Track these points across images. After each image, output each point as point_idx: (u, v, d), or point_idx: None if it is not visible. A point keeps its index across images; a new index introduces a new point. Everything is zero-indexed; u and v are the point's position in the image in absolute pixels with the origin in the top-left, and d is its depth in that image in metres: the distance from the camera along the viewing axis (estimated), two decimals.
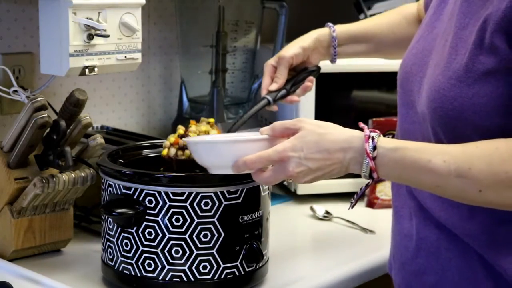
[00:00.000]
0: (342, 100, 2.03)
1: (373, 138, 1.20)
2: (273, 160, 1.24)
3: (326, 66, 1.98)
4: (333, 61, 1.64)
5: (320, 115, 1.97)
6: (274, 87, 1.57)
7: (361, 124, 1.26)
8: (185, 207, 1.34)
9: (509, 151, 1.14)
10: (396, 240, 1.39)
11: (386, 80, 2.05)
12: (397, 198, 1.39)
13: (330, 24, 1.61)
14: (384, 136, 1.31)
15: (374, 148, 1.20)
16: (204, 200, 1.35)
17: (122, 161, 1.49)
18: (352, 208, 1.33)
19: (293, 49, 1.58)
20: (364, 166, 1.21)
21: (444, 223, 1.28)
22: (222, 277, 1.38)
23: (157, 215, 1.35)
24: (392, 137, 1.31)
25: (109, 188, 1.40)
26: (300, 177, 1.24)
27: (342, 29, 1.62)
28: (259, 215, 1.41)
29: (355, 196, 1.33)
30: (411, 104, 1.32)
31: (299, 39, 1.61)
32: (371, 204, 1.97)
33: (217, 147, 1.28)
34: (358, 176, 1.99)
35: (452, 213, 1.26)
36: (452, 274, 1.29)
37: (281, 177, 1.25)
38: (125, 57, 1.57)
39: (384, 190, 1.96)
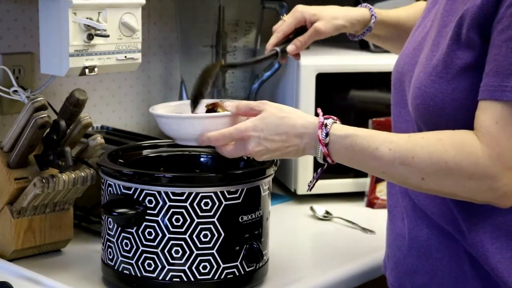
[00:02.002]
0: (342, 100, 2.03)
1: (326, 125, 1.27)
2: (234, 138, 1.32)
3: (326, 66, 1.98)
4: (353, 37, 1.62)
5: None
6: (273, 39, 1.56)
7: (318, 110, 1.32)
8: (185, 207, 1.35)
9: (451, 142, 1.18)
10: (390, 239, 1.40)
11: (386, 80, 2.04)
12: (390, 198, 1.41)
13: (371, 8, 1.55)
14: None
15: (327, 135, 1.26)
16: (204, 200, 1.35)
17: (122, 161, 1.49)
18: (310, 190, 1.38)
19: (331, 26, 1.55)
20: (318, 152, 1.28)
21: (437, 220, 1.29)
22: (222, 277, 1.38)
23: (157, 215, 1.35)
24: None
25: (109, 188, 1.40)
26: (258, 155, 1.32)
27: (379, 17, 1.57)
28: (259, 215, 1.41)
29: (313, 178, 1.38)
30: (403, 103, 1.34)
31: (337, 11, 1.54)
32: (371, 204, 1.97)
33: (184, 122, 1.36)
34: (358, 176, 2.00)
35: (445, 208, 1.27)
36: (442, 274, 1.30)
37: (241, 153, 1.33)
38: (125, 57, 1.57)
39: (384, 190, 1.96)
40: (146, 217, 1.36)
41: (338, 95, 2.03)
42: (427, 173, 1.19)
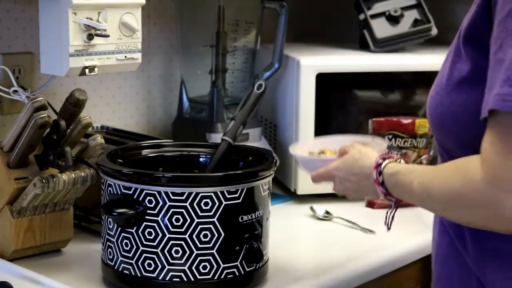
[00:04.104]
0: (342, 100, 2.03)
1: (380, 165, 1.31)
2: (325, 177, 1.45)
3: (326, 66, 1.98)
4: None
5: (320, 115, 1.97)
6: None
7: (380, 153, 1.35)
8: (185, 207, 1.34)
9: (457, 170, 1.16)
10: (431, 246, 1.42)
11: (386, 80, 2.05)
12: None
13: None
14: (385, 136, 1.39)
15: (380, 173, 1.31)
16: (204, 200, 1.35)
17: (121, 161, 1.48)
18: (389, 228, 1.42)
19: None
20: (378, 191, 1.32)
21: (449, 230, 1.30)
22: (222, 277, 1.38)
23: (157, 215, 1.35)
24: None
25: (109, 188, 1.40)
26: (345, 193, 1.43)
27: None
28: (259, 215, 1.41)
29: (387, 215, 1.41)
30: None
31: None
32: (371, 204, 1.96)
33: (300, 160, 1.55)
34: None
35: (452, 222, 1.28)
36: (455, 283, 1.29)
37: (334, 189, 1.45)
38: (125, 57, 1.57)
39: None
40: (146, 217, 1.36)
41: (338, 95, 2.03)
42: (443, 203, 1.18)
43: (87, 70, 1.52)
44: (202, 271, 1.36)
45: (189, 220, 1.35)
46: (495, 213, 1.10)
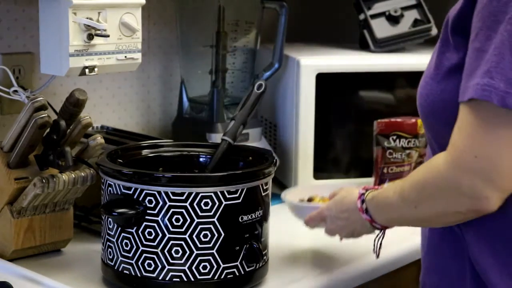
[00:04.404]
0: (342, 100, 2.03)
1: (363, 194, 1.39)
2: (317, 219, 1.50)
3: (326, 66, 1.98)
4: None
5: (320, 115, 1.97)
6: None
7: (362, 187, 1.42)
8: (185, 207, 1.34)
9: (426, 162, 1.25)
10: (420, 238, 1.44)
11: (386, 80, 2.05)
12: None
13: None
14: (389, 137, 1.72)
15: (362, 202, 1.39)
16: (204, 200, 1.35)
17: (121, 161, 1.48)
18: (377, 256, 1.51)
19: None
20: (364, 220, 1.39)
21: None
22: (222, 277, 1.38)
23: (157, 215, 1.35)
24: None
25: (109, 188, 1.40)
26: (337, 233, 1.48)
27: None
28: (259, 215, 1.41)
29: (374, 245, 1.48)
30: None
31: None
32: None
33: (293, 208, 1.62)
34: (358, 176, 2.00)
35: None
36: (451, 274, 1.30)
37: (326, 231, 1.50)
38: (125, 57, 1.57)
39: None
40: (146, 217, 1.36)
41: (338, 95, 2.03)
42: (414, 200, 1.25)
43: (87, 70, 1.52)
44: (202, 271, 1.36)
45: (189, 220, 1.35)
46: (456, 194, 1.16)
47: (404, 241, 1.71)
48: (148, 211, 1.35)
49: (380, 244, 1.46)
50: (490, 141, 1.13)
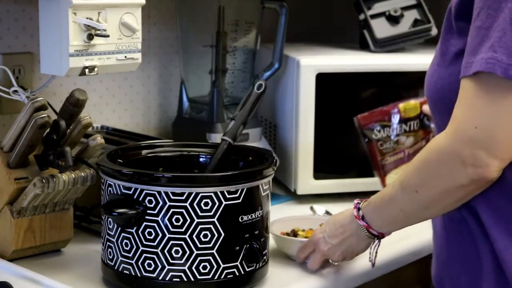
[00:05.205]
0: (342, 100, 2.03)
1: (358, 203, 1.42)
2: (309, 246, 1.50)
3: (326, 66, 1.98)
4: None
5: (320, 115, 1.97)
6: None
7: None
8: (185, 207, 1.34)
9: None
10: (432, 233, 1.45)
11: (386, 80, 2.05)
12: None
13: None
14: (373, 129, 1.77)
15: (358, 209, 1.41)
16: (204, 200, 1.35)
17: (121, 161, 1.49)
18: (373, 265, 1.50)
19: None
20: (363, 228, 1.41)
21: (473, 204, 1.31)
22: (222, 277, 1.38)
23: (157, 215, 1.35)
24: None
25: (109, 188, 1.40)
26: (331, 255, 1.48)
27: None
28: (259, 215, 1.41)
29: (370, 253, 1.48)
30: None
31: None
32: None
33: (282, 241, 1.59)
34: (358, 176, 2.00)
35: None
36: (470, 259, 1.32)
37: (318, 257, 1.49)
38: (125, 57, 1.57)
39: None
40: (146, 217, 1.36)
41: (338, 95, 2.03)
42: (415, 183, 1.28)
43: (87, 70, 1.52)
44: (202, 271, 1.36)
45: (189, 220, 1.35)
46: (458, 164, 1.20)
47: (404, 241, 1.71)
48: (148, 211, 1.35)
49: (376, 252, 1.47)
50: (490, 112, 1.18)
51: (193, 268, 1.36)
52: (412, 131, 1.89)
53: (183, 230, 1.35)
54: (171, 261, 1.36)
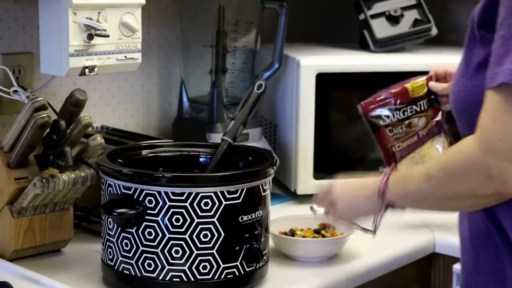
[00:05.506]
0: (342, 100, 2.03)
1: (387, 173, 1.38)
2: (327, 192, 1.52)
3: (326, 66, 1.98)
4: None
5: (320, 115, 1.97)
6: None
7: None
8: (185, 207, 1.34)
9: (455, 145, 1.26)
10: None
11: (386, 80, 2.04)
12: None
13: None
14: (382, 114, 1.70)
15: (388, 178, 1.37)
16: (204, 200, 1.35)
17: (121, 161, 1.49)
18: (375, 233, 1.48)
19: None
20: (375, 192, 1.38)
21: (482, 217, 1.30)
22: (222, 277, 1.38)
23: (157, 215, 1.35)
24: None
25: (109, 188, 1.40)
26: (337, 202, 1.48)
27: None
28: (259, 215, 1.41)
29: (373, 222, 1.45)
30: None
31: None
32: None
33: (282, 241, 1.60)
34: (359, 176, 2.00)
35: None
36: (498, 271, 1.30)
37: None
38: (125, 57, 1.57)
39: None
40: (146, 217, 1.36)
41: (338, 95, 2.03)
42: (437, 178, 1.25)
43: (87, 70, 1.52)
44: (202, 271, 1.36)
45: (189, 220, 1.35)
46: (484, 176, 1.18)
47: (404, 241, 1.71)
48: (148, 211, 1.36)
49: (379, 221, 1.44)
50: None
51: (193, 268, 1.36)
52: (423, 111, 1.76)
53: (183, 230, 1.35)
54: (171, 261, 1.36)
